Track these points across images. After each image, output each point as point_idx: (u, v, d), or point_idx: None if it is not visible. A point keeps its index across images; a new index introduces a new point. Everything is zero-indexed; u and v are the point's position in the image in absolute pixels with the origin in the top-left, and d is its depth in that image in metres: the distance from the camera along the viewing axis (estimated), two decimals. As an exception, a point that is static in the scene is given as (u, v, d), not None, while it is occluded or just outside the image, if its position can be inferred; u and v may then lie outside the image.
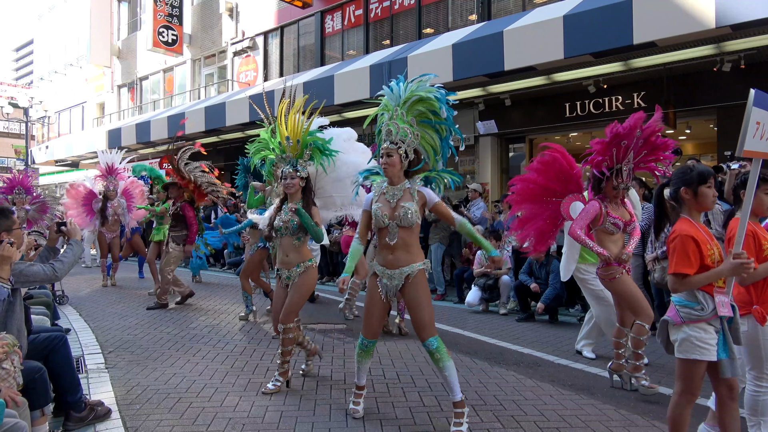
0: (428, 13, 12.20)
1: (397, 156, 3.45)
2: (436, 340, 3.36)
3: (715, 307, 2.62)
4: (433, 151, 3.59)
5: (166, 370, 4.62)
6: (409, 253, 3.47)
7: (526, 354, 5.32)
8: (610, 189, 4.12)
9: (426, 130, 3.55)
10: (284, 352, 4.15)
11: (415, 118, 3.51)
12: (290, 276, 4.19)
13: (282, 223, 4.16)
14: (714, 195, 2.79)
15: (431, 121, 3.53)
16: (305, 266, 4.19)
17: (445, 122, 3.54)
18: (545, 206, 4.45)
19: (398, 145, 3.45)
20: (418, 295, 3.43)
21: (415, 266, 3.46)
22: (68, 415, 3.40)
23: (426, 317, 3.40)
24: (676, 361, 2.74)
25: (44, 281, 3.45)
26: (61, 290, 7.67)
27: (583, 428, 3.48)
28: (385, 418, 3.60)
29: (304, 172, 4.17)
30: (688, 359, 2.64)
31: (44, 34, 28.87)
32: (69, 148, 19.99)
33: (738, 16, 6.36)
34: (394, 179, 3.50)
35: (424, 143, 3.56)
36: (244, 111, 12.60)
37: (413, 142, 3.47)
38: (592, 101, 9.53)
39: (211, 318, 6.83)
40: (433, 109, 3.50)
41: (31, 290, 5.05)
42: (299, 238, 4.17)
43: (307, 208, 4.12)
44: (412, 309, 3.44)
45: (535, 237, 4.47)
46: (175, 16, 18.44)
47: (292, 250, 4.19)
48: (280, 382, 4.13)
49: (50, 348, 3.37)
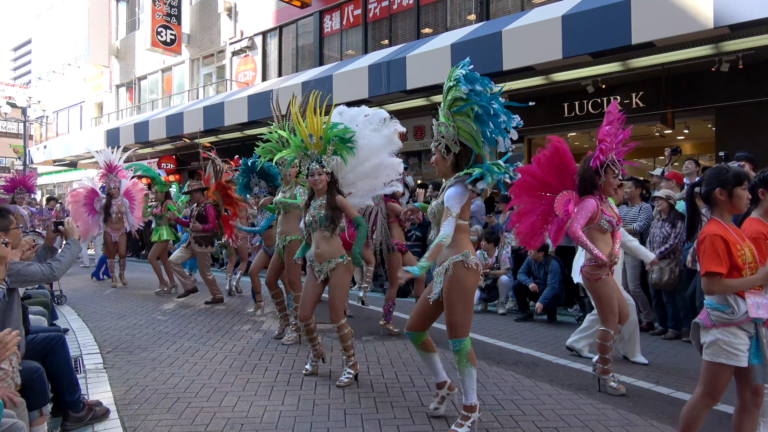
0: (427, 13, 12.21)
1: (438, 153, 3.39)
2: (461, 342, 3.26)
3: (748, 309, 2.56)
4: (473, 138, 3.30)
5: (164, 370, 4.61)
6: (448, 248, 3.29)
7: (524, 354, 5.32)
8: (611, 182, 4.13)
9: (462, 118, 3.30)
10: (346, 348, 4.32)
11: (449, 110, 3.33)
12: (322, 270, 4.29)
13: (311, 218, 4.26)
14: (748, 197, 2.74)
15: (461, 108, 3.27)
16: (337, 263, 4.27)
17: (468, 102, 3.19)
18: (540, 201, 4.42)
19: (438, 141, 3.39)
20: (449, 295, 3.29)
21: (449, 261, 3.30)
22: (66, 415, 3.40)
23: (454, 317, 3.27)
24: (702, 362, 2.70)
25: (42, 281, 3.44)
26: (59, 290, 7.66)
27: (581, 428, 3.49)
28: (383, 418, 3.59)
29: (329, 167, 4.23)
30: (714, 362, 2.60)
31: (42, 34, 28.85)
32: (67, 147, 19.96)
33: (736, 16, 6.37)
34: (444, 176, 3.45)
35: (463, 133, 3.32)
36: (242, 111, 12.60)
37: (451, 135, 3.32)
38: (590, 101, 9.54)
39: (210, 318, 6.83)
40: (459, 95, 3.25)
41: (29, 290, 5.04)
42: (329, 229, 4.24)
43: (333, 200, 4.19)
44: (445, 304, 3.33)
45: (526, 232, 4.43)
46: (173, 16, 18.42)
47: (323, 242, 4.28)
48: (351, 374, 4.30)
49: (48, 348, 3.36)
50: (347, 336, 4.32)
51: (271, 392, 4.09)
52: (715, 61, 7.89)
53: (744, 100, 8.00)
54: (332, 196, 4.21)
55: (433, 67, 9.12)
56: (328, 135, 4.22)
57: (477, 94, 3.20)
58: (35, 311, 4.43)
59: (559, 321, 6.86)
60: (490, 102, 3.22)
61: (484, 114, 3.21)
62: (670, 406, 3.88)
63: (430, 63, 9.17)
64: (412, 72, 9.45)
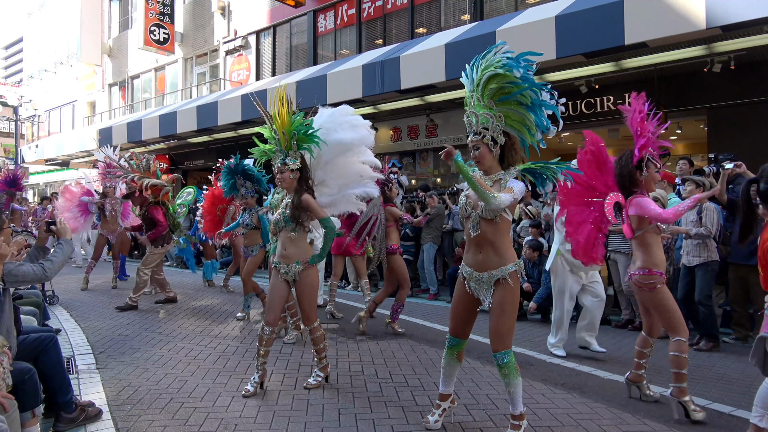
0: (421, 12, 12.21)
1: (484, 147, 3.12)
2: (507, 354, 3.10)
3: None
4: (525, 127, 3.11)
5: (157, 371, 4.59)
6: (495, 255, 3.12)
7: (518, 353, 5.31)
8: (653, 176, 3.83)
9: (509, 107, 3.09)
10: (318, 350, 4.23)
11: (492, 99, 3.09)
12: (288, 271, 4.13)
13: (277, 217, 4.15)
14: None
15: (511, 95, 3.05)
16: (304, 265, 4.11)
17: (523, 87, 3.02)
18: (588, 207, 4.01)
19: (482, 134, 3.11)
20: (503, 300, 3.10)
21: (501, 271, 3.10)
22: (59, 416, 3.38)
23: (503, 327, 3.10)
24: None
25: (34, 281, 3.42)
26: (51, 290, 7.61)
27: (574, 426, 3.50)
28: (377, 418, 3.59)
29: (294, 164, 4.05)
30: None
31: (34, 32, 28.61)
32: (59, 147, 19.81)
33: (728, 17, 6.41)
34: (489, 171, 3.19)
35: (512, 122, 3.11)
36: (236, 110, 12.55)
37: (498, 126, 3.09)
38: (583, 101, 9.57)
39: (203, 318, 6.81)
40: (509, 80, 3.02)
41: (21, 290, 5.00)
42: (294, 230, 4.11)
43: (298, 200, 4.01)
44: (492, 313, 3.15)
45: (585, 244, 3.94)
46: (166, 15, 18.33)
47: (289, 243, 4.14)
48: (321, 377, 4.23)
49: (40, 348, 3.34)
50: (320, 339, 4.21)
51: (265, 392, 4.08)
52: (708, 62, 7.94)
53: (736, 101, 8.05)
54: (298, 196, 4.04)
55: (427, 66, 9.12)
56: (289, 130, 4.05)
57: (526, 79, 3.01)
58: (25, 311, 4.40)
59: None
60: (540, 87, 3.06)
61: (537, 99, 3.04)
62: (661, 405, 3.90)
63: (424, 63, 9.17)
64: (406, 72, 9.45)
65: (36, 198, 24.94)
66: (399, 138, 12.57)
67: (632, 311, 6.48)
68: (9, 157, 27.81)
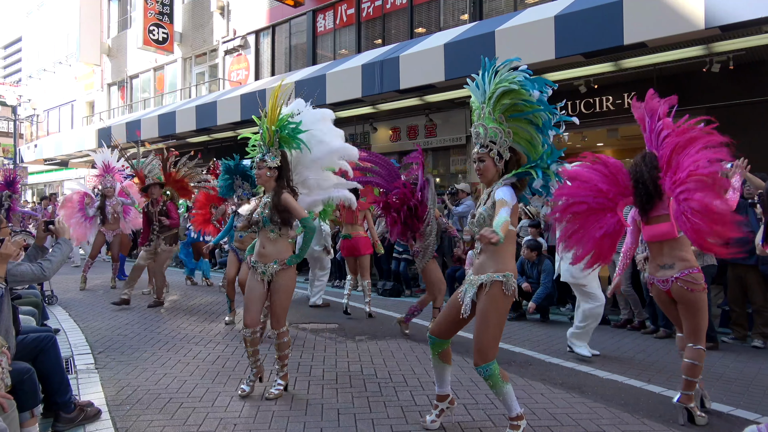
0: (420, 12, 12.21)
1: (489, 160, 3.16)
2: (488, 367, 3.03)
3: None
4: (531, 146, 3.17)
5: (156, 371, 4.59)
6: (491, 260, 3.10)
7: (517, 353, 5.34)
8: None
9: (519, 124, 3.14)
10: (281, 357, 4.08)
11: (503, 114, 3.13)
12: (266, 271, 3.99)
13: (256, 216, 4.02)
14: None
15: (524, 113, 3.11)
16: (282, 265, 3.98)
17: (538, 108, 3.07)
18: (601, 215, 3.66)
19: (489, 147, 3.15)
20: (486, 312, 3.06)
21: (487, 276, 3.07)
22: (58, 416, 3.37)
23: (484, 340, 3.05)
24: None
25: (32, 281, 3.42)
26: (50, 290, 7.60)
27: (574, 426, 3.50)
28: (376, 418, 3.59)
29: (273, 162, 3.94)
30: None
31: (33, 32, 28.58)
32: (58, 146, 19.80)
33: (727, 17, 6.41)
34: (490, 184, 3.22)
35: (519, 139, 3.16)
36: (235, 110, 12.55)
37: (505, 142, 3.13)
38: (583, 101, 9.58)
39: (202, 318, 6.80)
40: (523, 98, 3.07)
41: (19, 290, 5.00)
42: (272, 230, 4.00)
43: (277, 200, 3.90)
44: (475, 325, 3.12)
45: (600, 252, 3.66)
46: (165, 14, 18.32)
47: (268, 242, 4.02)
48: (282, 386, 4.07)
49: (39, 348, 3.34)
50: (285, 345, 4.05)
51: (264, 392, 4.08)
52: (707, 62, 7.95)
53: (735, 101, 8.06)
54: (277, 195, 3.92)
55: (426, 66, 9.13)
56: (275, 127, 3.97)
57: (542, 102, 3.08)
58: (24, 311, 4.39)
59: (552, 320, 6.89)
60: (554, 112, 3.12)
61: (549, 123, 3.10)
62: (661, 405, 3.91)
63: (423, 63, 9.18)
64: (406, 71, 9.45)
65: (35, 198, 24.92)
66: (398, 138, 12.58)
67: (631, 311, 6.48)
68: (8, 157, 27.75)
